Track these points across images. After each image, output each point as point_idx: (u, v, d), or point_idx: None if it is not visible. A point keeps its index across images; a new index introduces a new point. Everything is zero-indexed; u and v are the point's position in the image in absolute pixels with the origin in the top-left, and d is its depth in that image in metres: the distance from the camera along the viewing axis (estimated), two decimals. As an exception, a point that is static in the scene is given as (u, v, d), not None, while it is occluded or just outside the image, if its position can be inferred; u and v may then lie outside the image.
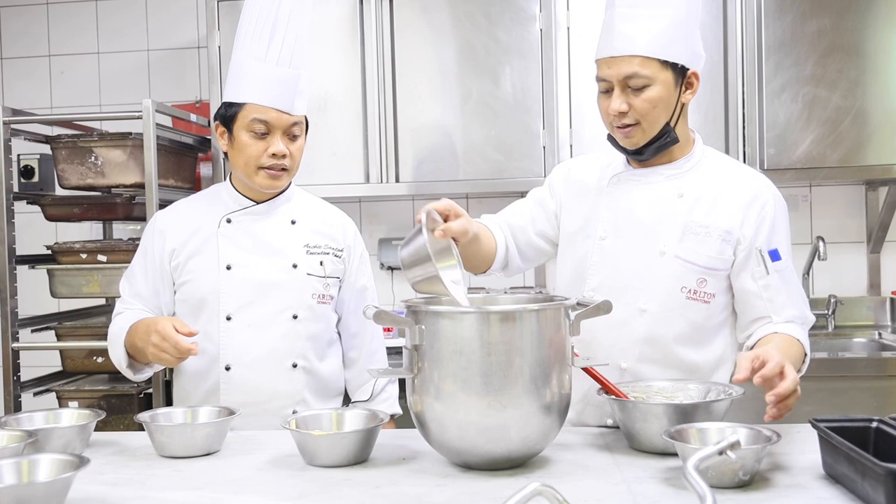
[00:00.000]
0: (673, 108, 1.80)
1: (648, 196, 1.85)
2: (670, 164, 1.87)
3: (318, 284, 2.10)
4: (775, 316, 1.80)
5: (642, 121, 1.78)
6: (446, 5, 3.30)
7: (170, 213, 2.17)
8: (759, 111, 3.17)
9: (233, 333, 2.03)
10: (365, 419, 1.69)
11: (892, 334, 3.34)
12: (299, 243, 2.10)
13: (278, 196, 2.13)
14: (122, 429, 2.89)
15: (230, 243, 2.06)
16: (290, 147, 2.03)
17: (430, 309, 1.54)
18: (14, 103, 3.51)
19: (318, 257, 2.10)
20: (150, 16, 3.92)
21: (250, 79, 2.01)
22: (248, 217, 2.09)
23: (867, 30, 3.13)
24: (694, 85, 1.83)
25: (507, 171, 3.28)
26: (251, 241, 2.07)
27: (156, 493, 1.46)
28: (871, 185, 3.52)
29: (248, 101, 2.00)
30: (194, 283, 2.05)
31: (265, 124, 1.99)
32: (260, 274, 2.05)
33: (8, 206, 3.05)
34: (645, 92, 1.76)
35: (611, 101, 1.78)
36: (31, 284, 3.24)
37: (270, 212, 2.11)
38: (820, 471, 1.44)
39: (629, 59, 1.75)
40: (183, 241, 2.08)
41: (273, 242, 2.08)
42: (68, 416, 1.78)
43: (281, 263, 2.07)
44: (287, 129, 2.02)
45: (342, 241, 2.18)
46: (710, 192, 1.84)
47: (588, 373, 1.69)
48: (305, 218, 2.15)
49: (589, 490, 1.40)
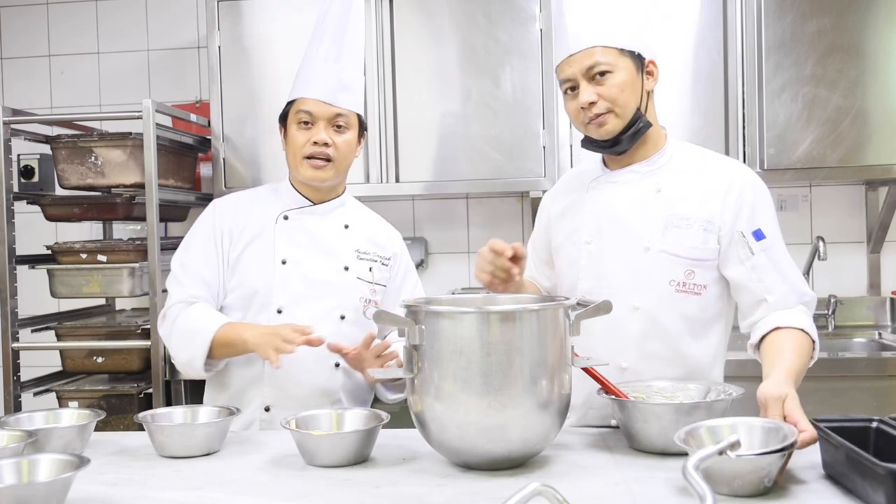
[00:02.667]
0: (640, 93, 1.85)
1: (628, 195, 1.87)
2: (645, 161, 1.89)
3: (365, 289, 2.14)
4: (768, 296, 1.80)
5: (614, 106, 1.81)
6: (446, 5, 3.30)
7: (230, 202, 2.20)
8: (759, 111, 3.17)
9: None
10: (365, 419, 1.69)
11: (892, 334, 3.34)
12: (351, 247, 2.15)
13: (334, 199, 2.18)
14: (122, 429, 2.89)
15: (287, 239, 2.10)
16: (335, 139, 2.09)
17: (430, 309, 1.54)
18: (14, 103, 3.51)
19: (367, 263, 2.16)
20: (150, 16, 3.92)
21: (302, 77, 2.13)
22: (304, 215, 2.14)
23: (867, 30, 3.12)
24: (654, 73, 1.89)
25: (507, 171, 3.28)
26: (307, 239, 2.11)
27: (156, 493, 1.46)
28: (871, 185, 3.52)
29: (297, 97, 2.11)
30: (248, 273, 2.08)
31: (308, 114, 2.08)
32: (313, 272, 2.09)
33: (8, 206, 3.06)
34: (609, 78, 1.81)
35: (579, 96, 1.82)
36: (31, 284, 3.25)
37: (326, 213, 2.17)
38: (820, 471, 1.44)
39: (588, 51, 1.81)
40: (241, 231, 2.11)
41: (327, 243, 2.13)
42: (68, 416, 1.78)
43: (333, 264, 2.11)
44: (331, 120, 2.09)
45: (390, 251, 2.23)
46: (688, 183, 1.86)
47: (588, 373, 1.69)
48: (358, 224, 2.20)
49: (589, 490, 1.40)
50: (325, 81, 2.09)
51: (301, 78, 2.13)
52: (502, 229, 3.68)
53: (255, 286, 2.08)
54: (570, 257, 1.93)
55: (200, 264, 2.10)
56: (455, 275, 3.77)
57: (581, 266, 1.90)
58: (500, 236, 2.12)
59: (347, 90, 2.12)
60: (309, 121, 2.08)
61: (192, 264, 2.10)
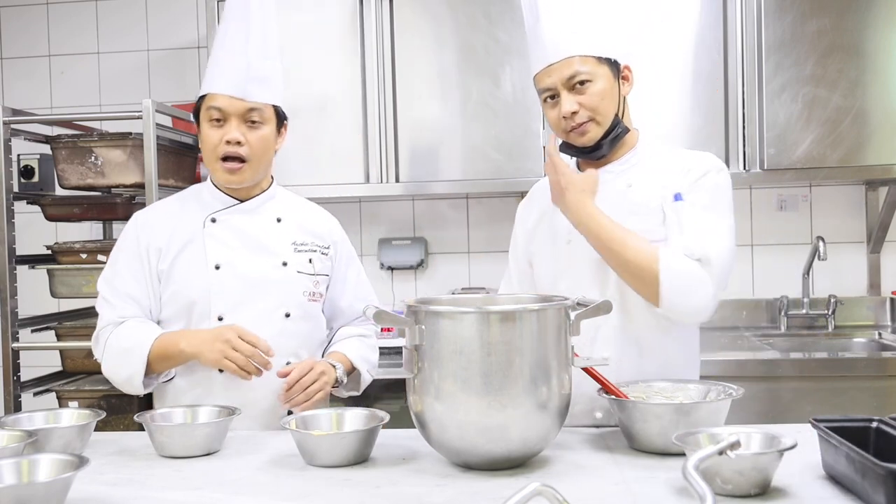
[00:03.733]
0: (618, 100, 1.87)
1: (602, 193, 1.88)
2: (619, 160, 1.92)
3: (308, 282, 2.09)
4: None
5: (595, 115, 1.84)
6: (446, 6, 3.30)
7: (151, 212, 2.14)
8: (759, 111, 3.17)
9: None
10: (365, 419, 1.69)
11: (892, 334, 3.34)
12: (286, 241, 2.09)
13: (262, 194, 2.11)
14: (122, 429, 2.88)
15: (217, 242, 2.03)
16: (249, 136, 1.99)
17: (430, 309, 1.54)
18: (14, 103, 3.51)
19: (306, 255, 2.10)
20: (150, 16, 3.92)
21: (211, 70, 2.04)
22: (233, 215, 2.07)
23: (867, 30, 3.12)
24: (629, 78, 1.90)
25: (506, 171, 3.28)
26: (238, 240, 2.05)
27: (156, 493, 1.46)
28: (871, 185, 3.52)
29: (206, 92, 2.02)
30: (182, 284, 2.02)
31: (219, 111, 1.99)
32: (250, 272, 2.03)
33: (8, 206, 3.05)
34: (589, 87, 1.82)
35: (559, 106, 1.85)
36: (31, 284, 3.24)
37: (255, 209, 2.09)
38: (820, 471, 1.44)
39: (567, 61, 1.83)
40: (167, 242, 2.03)
41: (261, 240, 2.07)
42: (68, 416, 1.78)
43: (271, 261, 2.06)
44: (243, 116, 1.99)
45: (328, 239, 2.17)
46: (656, 173, 1.88)
47: (588, 373, 1.69)
48: (291, 216, 2.13)
49: (589, 490, 1.40)
50: (234, 74, 1.99)
51: (208, 72, 2.04)
52: (502, 229, 3.65)
53: (190, 296, 2.01)
54: (549, 258, 1.96)
55: (128, 282, 2.03)
56: (455, 275, 3.77)
57: (560, 267, 1.92)
58: (500, 236, 2.14)
59: (259, 81, 2.00)
60: (220, 118, 1.99)
61: (120, 283, 2.03)
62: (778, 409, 2.84)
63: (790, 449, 1.34)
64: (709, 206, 1.82)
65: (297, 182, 3.33)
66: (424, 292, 3.76)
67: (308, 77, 3.35)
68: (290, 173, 3.34)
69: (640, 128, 1.99)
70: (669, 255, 1.75)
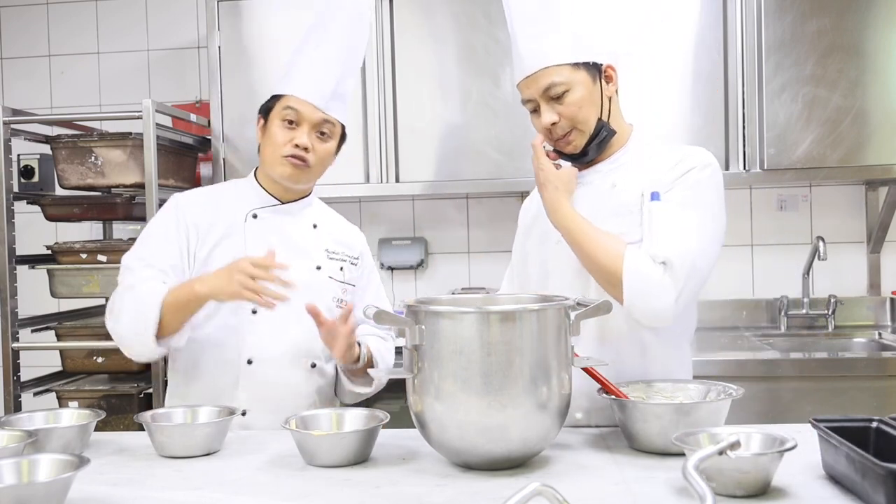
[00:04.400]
0: (599, 103, 1.85)
1: (588, 195, 1.88)
2: (608, 159, 1.91)
3: (337, 289, 2.13)
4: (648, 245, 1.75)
5: (576, 124, 1.83)
6: (446, 6, 3.30)
7: (193, 196, 2.14)
8: (759, 111, 3.17)
9: (258, 328, 2.02)
10: (365, 419, 1.69)
11: (892, 334, 3.34)
12: (321, 247, 2.13)
13: (302, 199, 2.15)
14: (122, 429, 2.89)
15: (258, 238, 2.05)
16: (317, 145, 2.04)
17: (430, 309, 1.54)
18: (14, 103, 3.51)
19: (337, 263, 2.14)
20: (150, 16, 3.92)
21: (294, 73, 2.06)
22: (274, 214, 2.11)
23: (867, 30, 3.12)
24: (613, 77, 1.87)
25: (507, 171, 3.28)
26: (278, 239, 2.06)
27: (156, 493, 1.46)
28: (871, 185, 3.52)
29: (288, 93, 2.05)
30: None
31: (296, 113, 2.02)
32: (285, 272, 2.02)
33: (8, 206, 3.06)
34: (566, 97, 1.81)
35: (541, 117, 1.84)
36: (31, 284, 3.24)
37: (295, 213, 2.14)
38: (820, 471, 1.44)
39: (543, 72, 1.82)
40: (208, 228, 2.05)
41: (298, 243, 2.10)
42: (68, 416, 1.78)
43: (306, 264, 2.09)
44: (316, 126, 2.04)
45: (357, 251, 2.22)
46: (641, 172, 1.86)
47: (588, 373, 1.69)
48: (325, 224, 2.19)
49: (589, 490, 1.40)
50: (322, 85, 2.03)
51: (295, 74, 2.06)
52: (502, 229, 3.67)
53: None
54: (539, 259, 1.95)
55: (156, 253, 2.00)
56: (455, 275, 3.77)
57: (549, 268, 1.92)
58: (500, 236, 2.14)
59: (340, 99, 2.07)
60: (294, 120, 2.03)
61: (147, 254, 2.01)
62: (778, 409, 2.84)
63: (790, 449, 1.34)
64: (686, 203, 1.77)
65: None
66: (424, 292, 3.76)
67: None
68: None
69: (639, 127, 1.97)
70: (634, 257, 1.72)
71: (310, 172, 2.07)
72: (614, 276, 1.73)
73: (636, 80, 3.10)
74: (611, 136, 1.88)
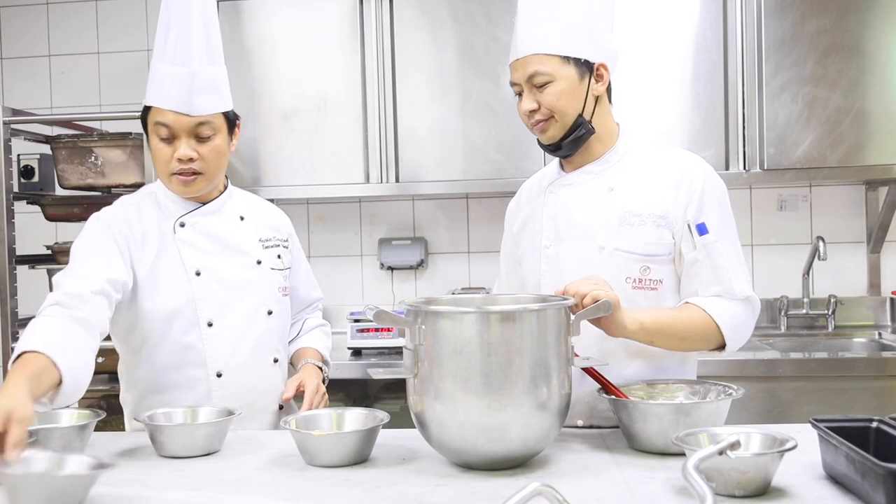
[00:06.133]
0: (583, 100, 1.83)
1: (581, 197, 1.87)
2: (597, 161, 1.89)
3: (279, 277, 2.10)
4: (701, 290, 1.79)
5: (554, 114, 1.82)
6: (446, 5, 3.30)
7: (115, 213, 2.00)
8: (759, 111, 3.17)
9: (217, 339, 1.97)
10: (365, 419, 1.69)
11: (892, 334, 3.34)
12: (254, 238, 2.08)
13: (221, 195, 2.07)
14: (122, 429, 2.88)
15: (191, 247, 1.98)
16: (200, 149, 1.93)
17: (430, 309, 1.54)
18: (14, 103, 3.51)
19: (273, 250, 2.10)
20: (150, 16, 3.92)
21: (153, 81, 1.96)
22: (200, 218, 2.02)
23: (867, 30, 3.13)
24: (604, 76, 1.86)
25: (507, 171, 3.28)
26: (211, 243, 2.01)
27: (156, 493, 1.46)
28: (871, 185, 3.52)
29: (150, 104, 1.95)
30: (164, 293, 1.95)
31: (167, 128, 1.91)
32: (230, 275, 2.01)
33: (8, 206, 3.06)
34: (548, 87, 1.80)
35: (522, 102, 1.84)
36: (31, 284, 3.24)
37: (219, 210, 2.05)
38: (820, 471, 1.44)
39: (531, 58, 1.81)
40: (140, 246, 1.95)
41: (231, 241, 2.04)
42: (68, 416, 1.78)
43: (246, 261, 2.04)
44: (192, 131, 1.92)
45: (286, 232, 2.19)
46: (640, 179, 1.85)
47: (588, 373, 1.69)
48: (251, 213, 2.12)
49: (589, 490, 1.40)
50: (178, 88, 1.90)
51: (150, 82, 1.95)
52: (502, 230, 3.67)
53: (175, 305, 1.94)
54: (532, 263, 1.93)
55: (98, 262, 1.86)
56: (455, 275, 3.77)
57: (542, 271, 1.90)
58: (500, 236, 2.13)
59: (205, 92, 1.93)
60: (168, 135, 1.91)
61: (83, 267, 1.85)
62: (778, 409, 2.85)
63: (790, 450, 1.34)
64: (723, 225, 1.82)
65: (297, 182, 3.34)
66: (424, 292, 3.76)
67: (308, 77, 3.35)
68: (290, 173, 3.35)
69: (639, 127, 1.97)
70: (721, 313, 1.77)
71: (205, 179, 1.96)
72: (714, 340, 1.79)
73: (636, 80, 3.10)
74: (589, 134, 1.85)
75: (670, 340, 1.76)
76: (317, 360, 2.15)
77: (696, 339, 1.78)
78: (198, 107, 1.92)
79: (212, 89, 1.94)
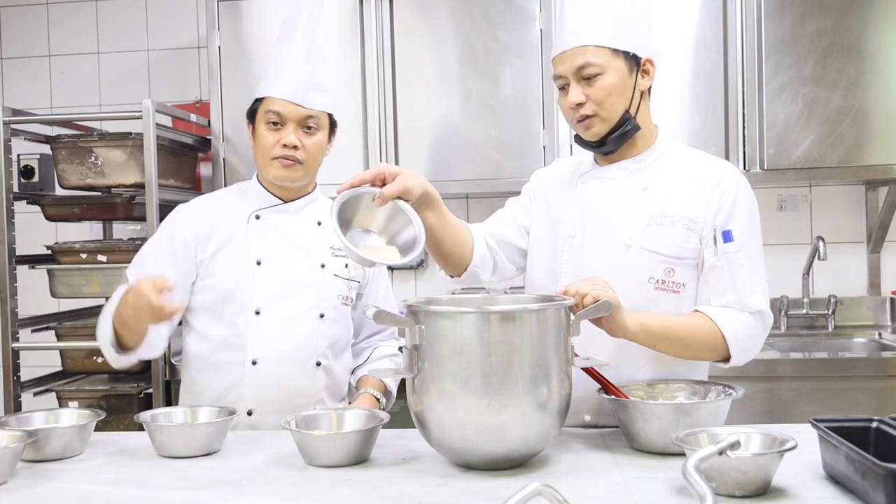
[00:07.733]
0: (630, 95, 1.82)
1: (613, 191, 1.86)
2: (634, 158, 1.88)
3: (342, 286, 2.13)
4: (714, 299, 1.78)
5: (600, 110, 1.80)
6: (446, 5, 3.30)
7: (194, 206, 2.17)
8: (759, 111, 3.17)
9: (261, 328, 2.04)
10: (365, 419, 1.69)
11: (892, 334, 3.34)
12: (325, 244, 2.13)
13: (304, 197, 2.16)
14: (122, 429, 2.88)
15: (260, 239, 2.08)
16: (305, 140, 2.05)
17: (430, 309, 1.54)
18: (14, 103, 3.50)
19: (342, 260, 2.13)
20: (150, 16, 3.92)
21: (271, 74, 2.09)
22: (276, 214, 2.12)
23: (867, 30, 3.13)
24: (650, 72, 1.86)
25: (507, 171, 3.28)
26: (280, 238, 2.09)
27: (156, 493, 1.46)
28: (871, 185, 3.52)
29: (265, 95, 2.07)
30: (222, 276, 2.06)
31: (278, 115, 2.04)
32: (289, 271, 2.08)
33: (8, 206, 3.06)
34: (598, 80, 1.79)
35: (568, 95, 1.82)
36: (31, 284, 3.24)
37: (298, 211, 2.15)
38: (820, 471, 1.44)
39: (580, 50, 1.79)
40: (209, 234, 2.08)
41: (301, 241, 2.11)
42: (68, 416, 1.79)
43: (309, 262, 2.10)
44: (301, 122, 2.05)
45: None
46: (674, 181, 1.84)
47: (588, 373, 1.69)
48: None
49: (589, 490, 1.40)
50: (295, 81, 2.05)
51: (270, 76, 2.09)
52: (502, 229, 3.68)
53: (229, 288, 2.05)
54: (552, 250, 1.91)
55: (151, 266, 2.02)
56: (455, 275, 3.76)
57: (564, 260, 1.88)
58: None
59: (318, 90, 2.07)
60: (278, 122, 2.04)
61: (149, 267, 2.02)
62: (778, 409, 2.85)
63: (790, 450, 1.34)
64: (749, 236, 1.80)
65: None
66: (424, 292, 3.76)
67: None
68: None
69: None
70: (729, 324, 1.75)
71: (303, 169, 2.08)
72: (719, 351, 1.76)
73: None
74: (634, 130, 1.83)
75: (672, 345, 1.75)
76: (377, 392, 2.13)
77: (699, 347, 1.76)
78: (311, 100, 2.05)
79: (325, 88, 2.09)
